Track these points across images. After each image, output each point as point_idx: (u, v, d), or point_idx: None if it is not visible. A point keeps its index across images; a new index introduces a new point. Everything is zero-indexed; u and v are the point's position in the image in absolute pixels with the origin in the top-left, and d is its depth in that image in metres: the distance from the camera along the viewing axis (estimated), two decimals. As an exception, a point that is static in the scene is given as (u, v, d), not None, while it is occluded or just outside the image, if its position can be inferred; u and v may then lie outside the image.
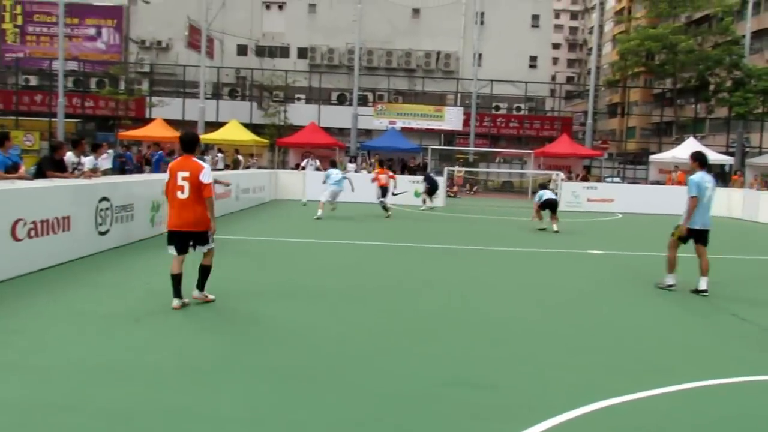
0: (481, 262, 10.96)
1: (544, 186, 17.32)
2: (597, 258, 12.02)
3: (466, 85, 43.57)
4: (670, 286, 8.97)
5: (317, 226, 15.24)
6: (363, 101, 42.18)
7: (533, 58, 47.68)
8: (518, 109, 44.53)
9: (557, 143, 34.43)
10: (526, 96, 43.05)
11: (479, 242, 13.58)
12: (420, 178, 24.86)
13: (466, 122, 38.74)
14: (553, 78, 64.95)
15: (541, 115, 46.09)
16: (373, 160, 29.10)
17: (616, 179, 40.03)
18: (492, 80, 41.87)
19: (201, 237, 6.93)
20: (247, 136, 32.17)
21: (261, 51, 46.86)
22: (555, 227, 15.87)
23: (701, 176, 8.89)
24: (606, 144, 45.61)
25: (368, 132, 41.92)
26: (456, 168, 32.88)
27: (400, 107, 37.96)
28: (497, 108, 44.31)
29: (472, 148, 38.02)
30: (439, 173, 25.96)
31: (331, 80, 44.39)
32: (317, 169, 26.23)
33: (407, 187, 23.96)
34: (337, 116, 40.62)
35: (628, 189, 26.23)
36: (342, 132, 42.13)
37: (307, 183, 23.70)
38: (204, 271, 7.07)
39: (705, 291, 8.70)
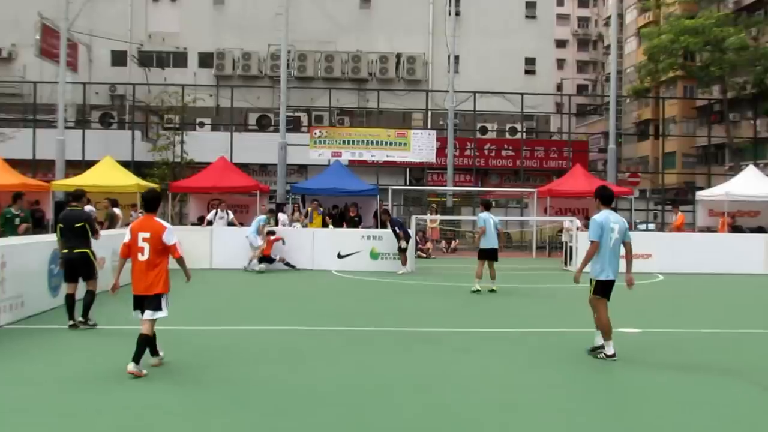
0: (470, 353, 11.12)
1: (488, 206, 19.21)
2: (635, 340, 12.22)
3: (439, 99, 44.58)
4: (611, 356, 10.31)
5: (233, 305, 15.54)
6: (294, 126, 42.61)
7: (530, 61, 48.85)
8: (513, 131, 45.55)
9: (569, 177, 34.97)
10: (523, 113, 43.99)
11: (467, 322, 13.89)
12: (377, 232, 25.15)
13: (440, 151, 39.32)
14: (559, 87, 66.74)
15: (545, 140, 47.19)
16: (309, 209, 28.97)
17: (652, 226, 40.60)
18: (475, 92, 42.80)
19: (152, 301, 9.33)
20: (128, 179, 31.62)
21: (146, 59, 47.23)
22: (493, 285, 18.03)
23: (605, 216, 10.54)
24: (636, 177, 46.80)
25: (302, 169, 42.17)
26: (428, 217, 33.02)
27: (347, 133, 38.18)
28: (484, 131, 45.30)
29: (450, 188, 38.47)
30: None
31: (249, 97, 44.84)
32: (230, 223, 26.19)
33: (359, 245, 24.36)
34: (257, 148, 41.20)
35: (671, 240, 26.79)
36: (265, 170, 42.35)
37: (216, 244, 23.71)
38: (142, 342, 9.15)
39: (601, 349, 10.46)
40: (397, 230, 23.84)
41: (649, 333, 12.83)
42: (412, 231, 24.94)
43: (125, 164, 34.93)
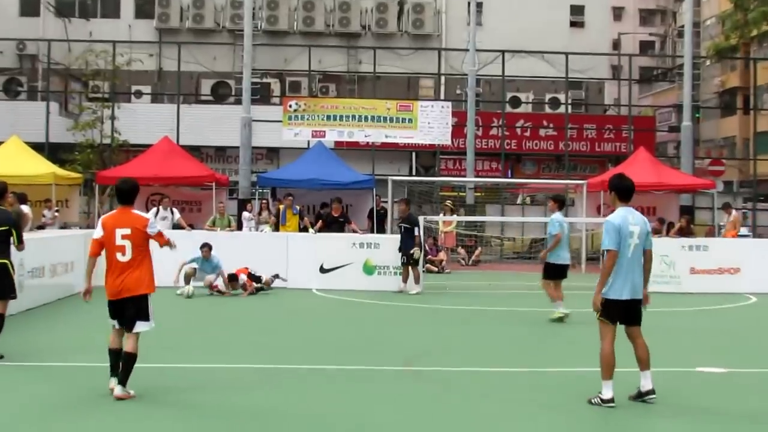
0: (489, 399, 11.23)
1: (562, 204, 19.52)
2: (719, 382, 12.23)
3: (456, 60, 44.45)
4: (607, 401, 10.38)
5: (183, 336, 15.49)
6: (263, 96, 42.54)
7: (577, 10, 48.77)
8: (555, 103, 45.64)
9: (629, 165, 34.59)
10: (568, 79, 43.90)
11: (492, 359, 13.95)
12: (374, 238, 25.32)
13: (457, 130, 39.24)
14: (616, 45, 66.25)
15: (597, 115, 47.28)
16: (281, 206, 28.53)
17: (744, 230, 40.21)
18: (503, 51, 42.48)
19: (139, 304, 10.56)
20: (40, 166, 31.42)
21: (65, 7, 46.83)
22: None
23: (623, 216, 10.52)
24: (719, 165, 46.66)
25: (272, 153, 42.20)
26: (441, 218, 33.01)
27: (333, 105, 37.89)
28: (516, 103, 45.28)
29: (470, 179, 38.54)
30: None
31: (202, 58, 44.61)
32: (176, 226, 26.05)
33: (348, 255, 24.48)
34: (213, 126, 41.22)
35: (766, 248, 26.66)
36: (223, 154, 42.48)
37: (157, 254, 23.19)
38: (128, 361, 10.33)
39: (652, 393, 10.48)
40: (416, 232, 23.71)
41: (737, 374, 12.82)
42: (419, 236, 24.63)
43: (37, 147, 34.76)
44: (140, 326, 10.52)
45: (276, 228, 27.59)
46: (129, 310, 10.51)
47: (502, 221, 38.09)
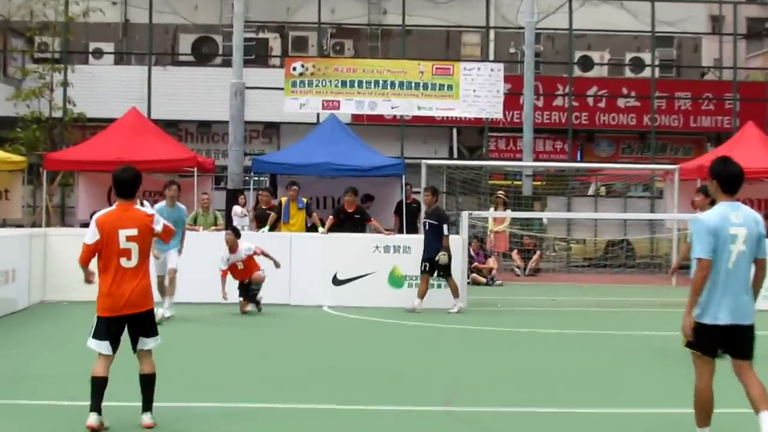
0: None
1: None
2: None
3: (509, 10, 44.43)
4: None
5: (167, 368, 15.15)
6: (258, 56, 42.61)
7: (667, -56, 48.93)
8: (637, 65, 45.66)
9: (735, 145, 34.49)
10: (655, 34, 43.87)
11: (556, 396, 13.76)
12: (404, 240, 25.23)
13: (511, 101, 39.19)
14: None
15: (692, 80, 47.34)
16: (283, 199, 28.10)
17: None
18: (571, -2, 42.84)
19: (145, 321, 10.94)
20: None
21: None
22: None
23: (722, 214, 9.87)
24: None
25: (271, 130, 42.51)
26: (491, 214, 33.09)
27: (350, 67, 37.59)
28: (587, 65, 45.51)
29: (528, 163, 38.56)
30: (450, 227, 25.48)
31: (181, 6, 44.74)
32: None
33: (370, 261, 24.47)
34: (194, 93, 41.35)
35: None
36: (207, 131, 42.87)
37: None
38: (149, 383, 10.91)
39: None
40: (445, 230, 23.26)
41: None
42: (462, 238, 24.77)
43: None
44: (151, 342, 10.96)
45: (273, 227, 26.93)
46: (134, 328, 10.88)
47: (568, 218, 37.91)
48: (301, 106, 36.22)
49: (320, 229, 26.28)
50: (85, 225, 26.71)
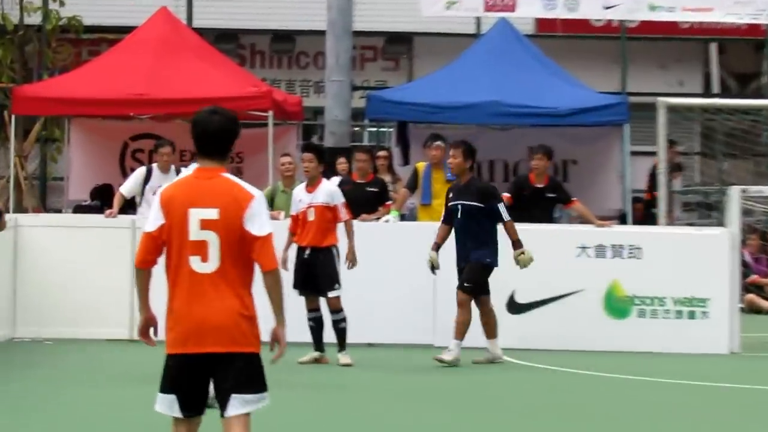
0: None
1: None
2: None
3: None
4: None
5: None
6: None
7: None
8: None
9: None
10: None
11: None
12: (633, 234, 22.52)
13: None
14: None
15: None
16: (419, 166, 24.25)
17: None
18: None
19: (239, 367, 7.56)
20: None
21: None
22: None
23: None
24: None
25: (399, 45, 37.22)
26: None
27: None
28: None
29: None
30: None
31: None
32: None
33: (574, 273, 20.91)
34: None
35: None
36: (290, 50, 37.33)
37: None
38: None
39: None
40: (504, 215, 18.85)
41: None
42: (730, 232, 21.92)
43: None
44: (250, 404, 7.13)
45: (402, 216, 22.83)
46: (219, 377, 7.24)
47: None
48: (449, 6, 30.31)
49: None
50: (82, 209, 28.06)
